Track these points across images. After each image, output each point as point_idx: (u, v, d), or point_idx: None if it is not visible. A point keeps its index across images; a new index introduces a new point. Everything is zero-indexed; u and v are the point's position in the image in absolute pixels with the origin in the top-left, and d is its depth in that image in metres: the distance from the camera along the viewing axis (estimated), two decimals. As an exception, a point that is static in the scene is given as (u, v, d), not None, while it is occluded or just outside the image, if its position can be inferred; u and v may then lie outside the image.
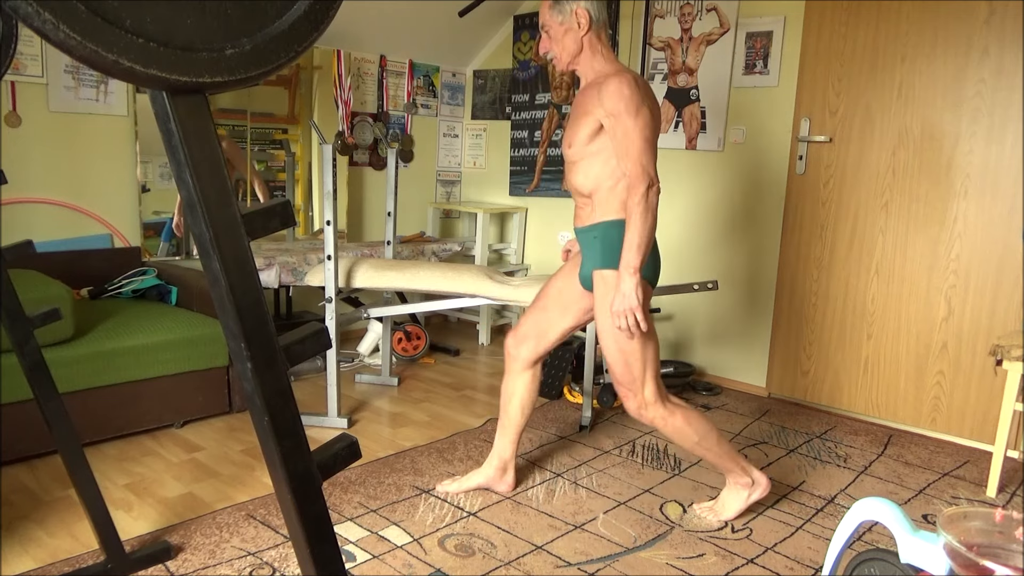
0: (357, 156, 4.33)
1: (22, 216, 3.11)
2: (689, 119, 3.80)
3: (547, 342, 2.35)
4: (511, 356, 2.39)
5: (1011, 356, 2.47)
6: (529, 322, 2.36)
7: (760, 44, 3.53)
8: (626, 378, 2.15)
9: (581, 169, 2.14)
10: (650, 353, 2.14)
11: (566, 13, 2.13)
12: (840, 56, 3.28)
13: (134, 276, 3.27)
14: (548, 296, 2.35)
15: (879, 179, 3.23)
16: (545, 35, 2.19)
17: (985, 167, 2.97)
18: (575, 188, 2.18)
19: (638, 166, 2.00)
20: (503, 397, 2.43)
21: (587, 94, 2.11)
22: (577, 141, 2.12)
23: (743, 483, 2.30)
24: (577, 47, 2.15)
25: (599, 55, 2.16)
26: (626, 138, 2.01)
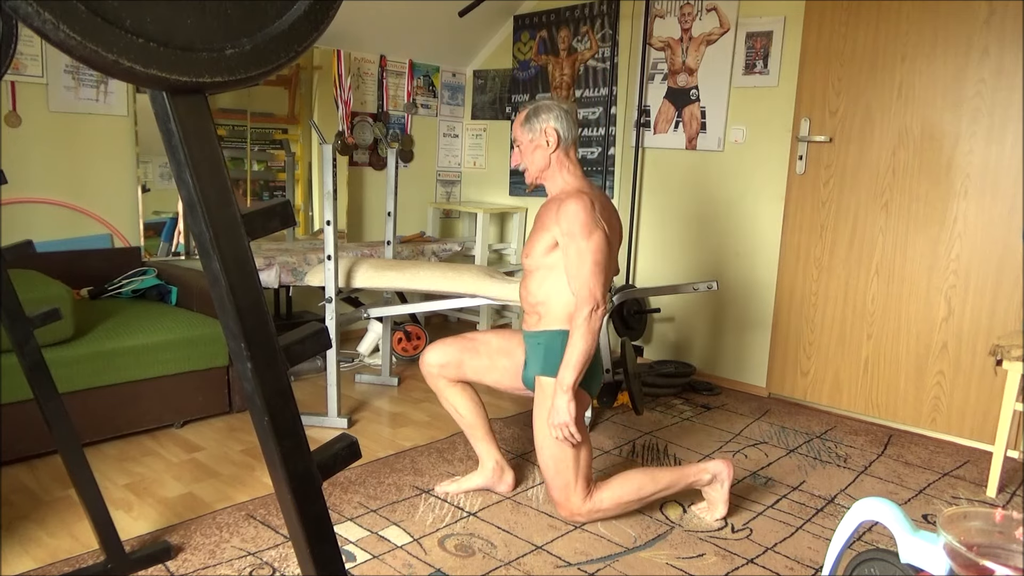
0: (357, 156, 4.33)
1: (22, 216, 3.11)
2: (689, 119, 3.80)
3: (460, 377, 2.39)
4: (430, 375, 2.41)
5: (1011, 356, 2.47)
6: (453, 354, 2.37)
7: (760, 44, 3.53)
8: (558, 483, 2.21)
9: (535, 279, 2.25)
10: (583, 458, 2.21)
11: (536, 131, 2.25)
12: (840, 56, 3.28)
13: (134, 276, 3.27)
14: (485, 346, 2.38)
15: (879, 179, 3.23)
16: (516, 149, 2.32)
17: (985, 167, 2.97)
18: (526, 296, 2.29)
19: (585, 288, 2.10)
20: (450, 412, 2.46)
21: (549, 209, 2.22)
22: (534, 252, 2.23)
23: (709, 481, 2.32)
24: (545, 163, 2.27)
25: (566, 171, 2.27)
26: (578, 259, 2.11)
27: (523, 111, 2.29)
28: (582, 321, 2.09)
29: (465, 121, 4.89)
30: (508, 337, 2.39)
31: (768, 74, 3.51)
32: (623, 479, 2.25)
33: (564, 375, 2.09)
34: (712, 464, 2.31)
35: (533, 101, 2.30)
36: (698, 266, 3.85)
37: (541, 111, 2.24)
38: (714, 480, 2.31)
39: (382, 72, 4.37)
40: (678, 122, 3.85)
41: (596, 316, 2.10)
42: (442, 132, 4.79)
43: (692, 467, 2.31)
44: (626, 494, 2.23)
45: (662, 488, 2.25)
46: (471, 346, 2.38)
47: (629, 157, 4.06)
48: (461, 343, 2.39)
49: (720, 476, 2.31)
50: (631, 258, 4.10)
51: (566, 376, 2.09)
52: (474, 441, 2.46)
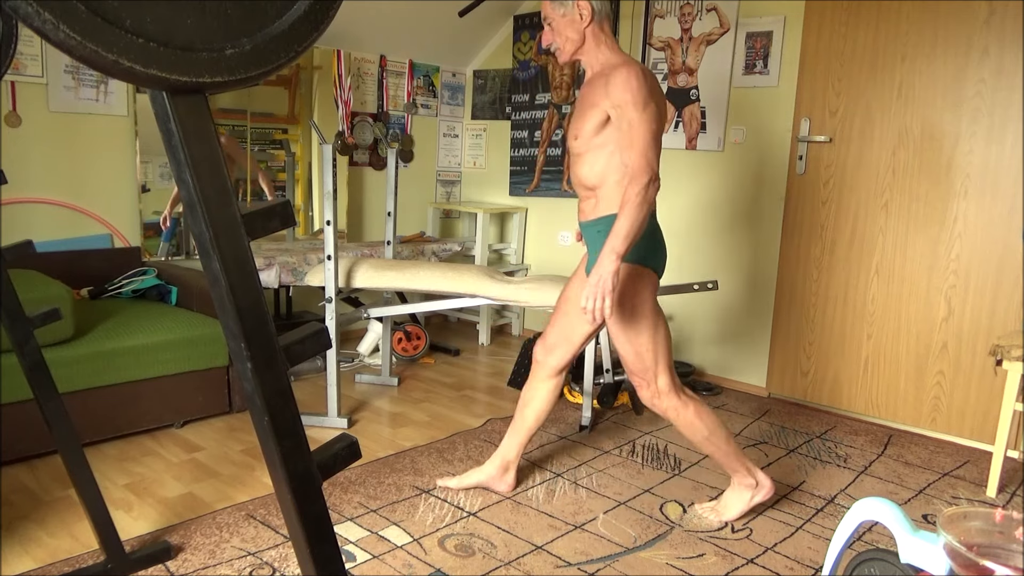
0: (357, 156, 4.33)
1: (22, 216, 3.11)
2: (689, 119, 3.80)
3: (573, 347, 2.33)
4: (538, 363, 2.38)
5: (1011, 356, 2.47)
6: (554, 330, 2.34)
7: (760, 44, 3.53)
8: (638, 367, 2.15)
9: (587, 161, 2.12)
10: (661, 343, 2.14)
11: (567, 6, 2.12)
12: (840, 56, 3.28)
13: (134, 276, 3.27)
14: (568, 301, 2.33)
15: (879, 179, 3.23)
16: (548, 27, 2.18)
17: (985, 167, 2.97)
18: (580, 180, 2.16)
19: (642, 158, 1.97)
20: (522, 399, 2.43)
21: (594, 85, 2.09)
22: (583, 133, 2.10)
23: (747, 484, 2.30)
24: (580, 38, 2.13)
25: (603, 45, 2.14)
26: (631, 130, 1.99)
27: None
28: (639, 189, 1.95)
29: (465, 121, 4.89)
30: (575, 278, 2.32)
31: (768, 74, 3.51)
32: (709, 413, 2.22)
33: (614, 242, 1.95)
34: (763, 474, 2.31)
35: None
36: (698, 266, 3.85)
37: None
38: (751, 487, 2.30)
39: (382, 72, 4.37)
40: (678, 122, 3.85)
41: (652, 188, 1.97)
42: (442, 132, 4.79)
43: (749, 461, 2.30)
44: (705, 421, 2.20)
45: (725, 448, 2.23)
46: (556, 316, 2.34)
47: (629, 157, 4.05)
48: (552, 319, 2.35)
49: (760, 488, 2.31)
50: (631, 258, 4.10)
51: (616, 243, 1.95)
52: (512, 433, 2.44)
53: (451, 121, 4.82)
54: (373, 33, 4.14)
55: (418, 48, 4.46)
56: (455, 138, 4.87)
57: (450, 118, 4.81)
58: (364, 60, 4.28)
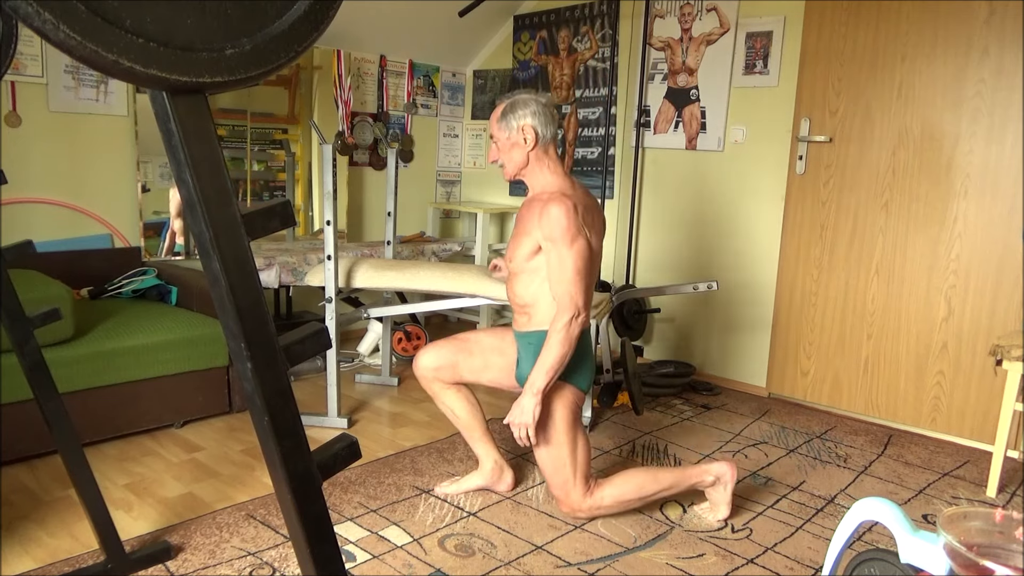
0: (357, 156, 4.33)
1: (22, 216, 3.11)
2: (689, 119, 3.80)
3: (456, 379, 2.37)
4: (424, 379, 2.39)
5: (1011, 356, 2.47)
6: (447, 355, 2.35)
7: (760, 44, 3.53)
8: (557, 481, 2.20)
9: (521, 282, 2.22)
10: (580, 455, 2.20)
11: (512, 129, 2.18)
12: (840, 56, 3.28)
13: (134, 276, 3.27)
14: (478, 345, 2.37)
15: (879, 179, 3.23)
16: (494, 145, 2.25)
17: (985, 167, 2.97)
18: (513, 298, 2.27)
19: (567, 296, 2.08)
20: (446, 414, 2.44)
21: (531, 210, 2.16)
22: (518, 257, 2.19)
23: (711, 483, 2.31)
24: (524, 161, 2.20)
25: (546, 168, 2.21)
26: (560, 265, 2.08)
27: (499, 106, 2.22)
28: (561, 327, 2.07)
29: (465, 121, 4.89)
30: (501, 335, 2.38)
31: (768, 74, 3.51)
32: (625, 477, 2.25)
33: (536, 378, 2.07)
34: (715, 466, 2.30)
35: (509, 95, 2.22)
36: (698, 266, 3.85)
37: (517, 107, 2.17)
38: (717, 482, 2.30)
39: (382, 72, 4.37)
40: (678, 122, 3.85)
41: (576, 324, 2.08)
42: (442, 132, 4.79)
43: (695, 468, 2.30)
44: (627, 492, 2.23)
45: (664, 488, 2.25)
46: (464, 347, 2.37)
47: (629, 157, 4.06)
48: (454, 344, 2.37)
49: (723, 478, 2.30)
50: (631, 258, 4.10)
51: (537, 380, 2.07)
52: (472, 442, 2.46)
53: (451, 121, 4.82)
54: (373, 33, 4.14)
55: (418, 48, 4.46)
56: (455, 138, 4.87)
57: (450, 118, 4.81)
58: (364, 60, 4.28)
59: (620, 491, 2.22)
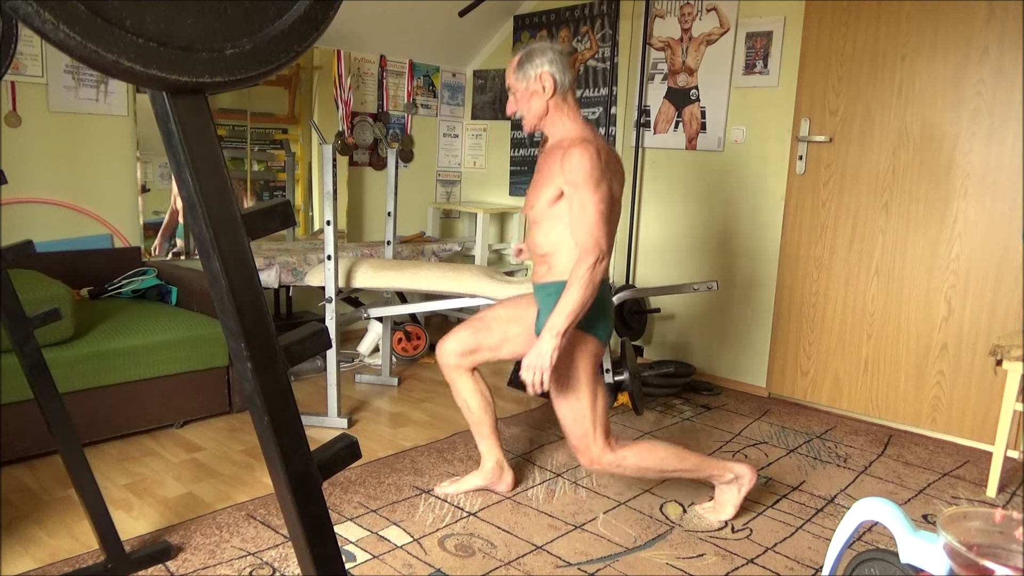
0: (357, 156, 4.33)
1: (22, 216, 3.11)
2: (689, 119, 3.80)
3: (480, 359, 2.37)
4: (448, 366, 2.39)
5: (1011, 356, 2.47)
6: (467, 338, 2.35)
7: (760, 44, 3.53)
8: (577, 433, 2.18)
9: (541, 230, 2.18)
10: (599, 407, 2.19)
11: (530, 78, 2.15)
12: (840, 56, 3.28)
13: (134, 276, 3.27)
14: (495, 320, 2.35)
15: (879, 179, 3.23)
16: (512, 97, 2.22)
17: (985, 167, 2.97)
18: (534, 247, 2.23)
19: (591, 238, 2.03)
20: (460, 406, 2.44)
21: (552, 157, 2.13)
22: (538, 204, 2.15)
23: (728, 481, 2.31)
24: (543, 110, 2.17)
25: (565, 118, 2.18)
26: (583, 210, 2.04)
27: (515, 56, 2.19)
28: (584, 271, 2.00)
29: (465, 121, 4.89)
30: (515, 304, 2.35)
31: (768, 74, 3.51)
32: (651, 447, 2.22)
33: (555, 320, 2.00)
34: (739, 466, 2.30)
35: (525, 45, 2.19)
36: (698, 266, 3.85)
37: (534, 55, 2.13)
38: (734, 481, 2.30)
39: (382, 72, 4.37)
40: (678, 122, 3.85)
41: (599, 267, 2.02)
42: (442, 132, 4.79)
43: (718, 461, 2.29)
44: (649, 461, 2.20)
45: (684, 469, 2.23)
46: (482, 325, 2.35)
47: (629, 157, 4.06)
48: (473, 325, 2.35)
49: (742, 480, 2.30)
50: (631, 258, 4.10)
51: (557, 321, 2.00)
52: (479, 438, 2.45)
53: (451, 121, 4.82)
54: (373, 33, 4.14)
55: (418, 48, 4.46)
56: (455, 138, 4.87)
57: (450, 118, 4.81)
58: (364, 60, 4.28)
59: (642, 458, 2.20)
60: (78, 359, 2.58)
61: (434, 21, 4.23)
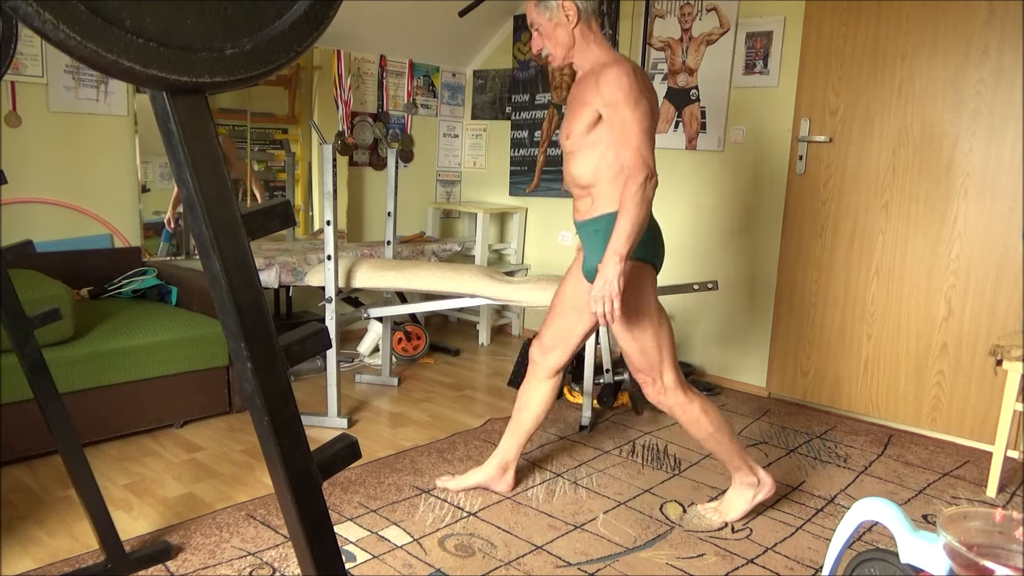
0: (357, 156, 4.33)
1: (22, 216, 3.11)
2: (689, 119, 3.80)
3: (571, 347, 2.33)
4: (535, 363, 2.38)
5: (1011, 356, 2.47)
6: (550, 331, 2.34)
7: (760, 44, 3.53)
8: (643, 365, 2.16)
9: (580, 160, 2.11)
10: (664, 339, 2.15)
11: (552, 9, 2.10)
12: (840, 56, 3.28)
13: (134, 276, 3.27)
14: (562, 300, 2.32)
15: (879, 179, 3.23)
16: (536, 33, 2.17)
17: (985, 167, 2.97)
18: (573, 179, 2.15)
19: (637, 156, 1.96)
20: (519, 400, 2.43)
21: (585, 83, 2.08)
22: (575, 132, 2.09)
23: (749, 483, 2.30)
24: (570, 40, 2.12)
25: (593, 44, 2.13)
26: (624, 128, 1.98)
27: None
28: (636, 188, 1.94)
29: (465, 121, 4.89)
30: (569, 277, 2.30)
31: (768, 74, 3.51)
32: (715, 412, 2.22)
33: (616, 244, 1.95)
34: (764, 472, 2.31)
35: None
36: (698, 266, 3.85)
37: None
38: (753, 485, 2.30)
39: (382, 72, 4.37)
40: (678, 122, 3.85)
41: (650, 185, 1.96)
42: (442, 132, 4.79)
43: (751, 460, 2.30)
44: (710, 416, 2.21)
45: (728, 446, 2.24)
46: (552, 315, 2.33)
47: (629, 157, 4.06)
48: (548, 319, 2.34)
49: (762, 487, 2.30)
50: (631, 258, 4.10)
51: (619, 245, 1.94)
52: (510, 434, 2.44)
53: (451, 121, 4.82)
54: (373, 33, 4.14)
55: (418, 48, 4.46)
56: (455, 138, 4.87)
57: (450, 118, 4.81)
58: (364, 60, 4.28)
59: (705, 412, 2.20)
60: (78, 359, 2.58)
61: (434, 21, 4.24)
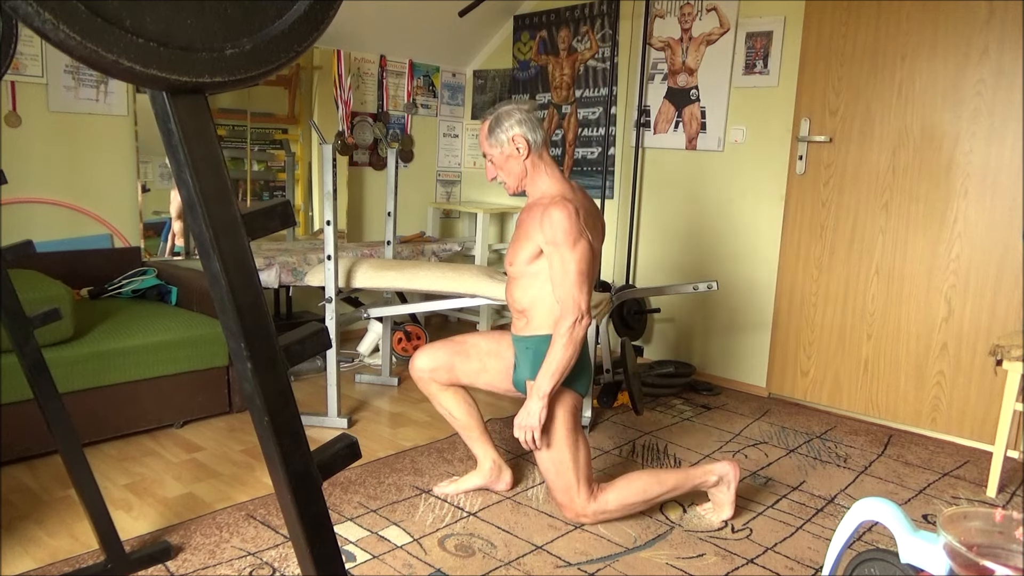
0: (357, 156, 4.33)
1: (22, 216, 3.11)
2: (689, 119, 3.80)
3: (453, 381, 2.37)
4: (421, 380, 2.39)
5: (1011, 356, 2.47)
6: (443, 357, 2.35)
7: (760, 44, 3.53)
8: (560, 486, 2.20)
9: (520, 286, 2.23)
10: (581, 459, 2.20)
11: (504, 143, 2.18)
12: (840, 56, 3.28)
13: (134, 276, 3.27)
14: (475, 348, 2.37)
15: (879, 179, 3.23)
16: (489, 163, 2.25)
17: (985, 167, 2.97)
18: (513, 302, 2.27)
19: (570, 299, 2.07)
20: (444, 415, 2.45)
21: (531, 214, 2.16)
22: (518, 260, 2.19)
23: (714, 483, 2.31)
24: (522, 170, 2.21)
25: (544, 175, 2.22)
26: (563, 268, 2.08)
27: (484, 123, 2.22)
28: (565, 331, 2.07)
29: (465, 121, 4.89)
30: (498, 339, 2.38)
31: (768, 74, 3.51)
32: (628, 481, 2.24)
33: (541, 382, 2.08)
34: (718, 466, 2.30)
35: (492, 109, 2.22)
36: (698, 266, 3.85)
37: (502, 119, 2.17)
38: (720, 482, 2.30)
39: (382, 72, 4.37)
40: (678, 122, 3.85)
41: (580, 327, 2.08)
42: (442, 132, 4.79)
43: (698, 469, 2.30)
44: (631, 496, 2.22)
45: (668, 490, 2.24)
46: (461, 349, 2.36)
47: (629, 157, 4.06)
48: (450, 347, 2.37)
49: (726, 478, 2.30)
50: (631, 258, 4.10)
51: (543, 384, 2.08)
52: (470, 442, 2.46)
53: (451, 121, 4.82)
54: (373, 33, 4.14)
55: (418, 48, 4.46)
56: (455, 138, 4.87)
57: (450, 118, 4.81)
58: (364, 60, 4.28)
59: (623, 495, 2.22)
60: (78, 359, 2.58)
61: (434, 21, 4.24)
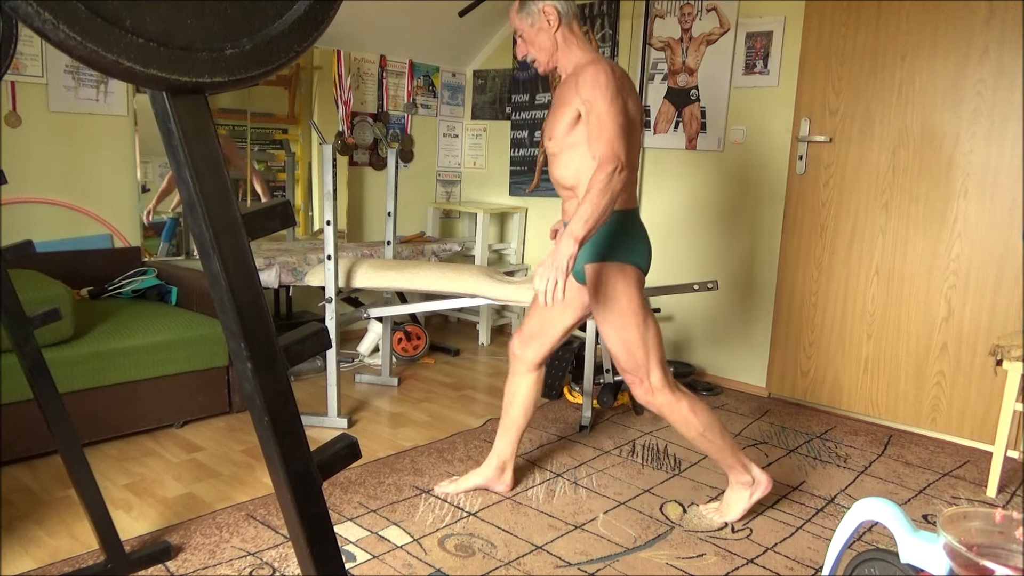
0: (357, 156, 4.33)
1: (22, 216, 3.11)
2: (689, 119, 3.80)
3: (551, 341, 2.35)
4: (516, 357, 2.39)
5: (1011, 356, 2.47)
6: (531, 323, 2.36)
7: (760, 44, 3.53)
8: (630, 364, 2.16)
9: (562, 161, 2.14)
10: (651, 339, 2.15)
11: (534, 14, 2.15)
12: (840, 56, 3.28)
13: (134, 276, 3.27)
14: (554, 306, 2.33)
15: (879, 179, 3.23)
16: (520, 40, 2.21)
17: (985, 167, 2.97)
18: (557, 180, 2.19)
19: (608, 148, 1.95)
20: (506, 397, 2.44)
21: (566, 85, 2.12)
22: (557, 132, 2.12)
23: (744, 482, 2.30)
24: (552, 44, 2.16)
25: (575, 47, 2.17)
26: (599, 122, 1.98)
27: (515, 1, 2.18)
28: (603, 176, 1.91)
29: (465, 121, 4.89)
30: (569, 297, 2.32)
31: (768, 74, 3.51)
32: (704, 407, 2.21)
33: (575, 226, 1.89)
34: (759, 471, 2.30)
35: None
36: (698, 266, 3.85)
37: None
38: (749, 484, 2.30)
39: (382, 72, 4.37)
40: (678, 122, 3.85)
41: (618, 177, 1.92)
42: (442, 132, 4.79)
43: (745, 457, 2.29)
44: (699, 416, 2.19)
45: (720, 444, 2.22)
46: (533, 310, 2.35)
47: (629, 157, 4.06)
48: (529, 312, 2.36)
49: (758, 486, 2.30)
50: (631, 258, 4.10)
51: (576, 227, 1.89)
52: (503, 432, 2.44)
53: (451, 121, 4.82)
54: (373, 33, 4.14)
55: (418, 48, 4.46)
56: (455, 138, 4.87)
57: (450, 118, 4.81)
58: (364, 60, 4.28)
59: (694, 410, 2.19)
60: (78, 359, 2.58)
61: (434, 21, 4.23)
